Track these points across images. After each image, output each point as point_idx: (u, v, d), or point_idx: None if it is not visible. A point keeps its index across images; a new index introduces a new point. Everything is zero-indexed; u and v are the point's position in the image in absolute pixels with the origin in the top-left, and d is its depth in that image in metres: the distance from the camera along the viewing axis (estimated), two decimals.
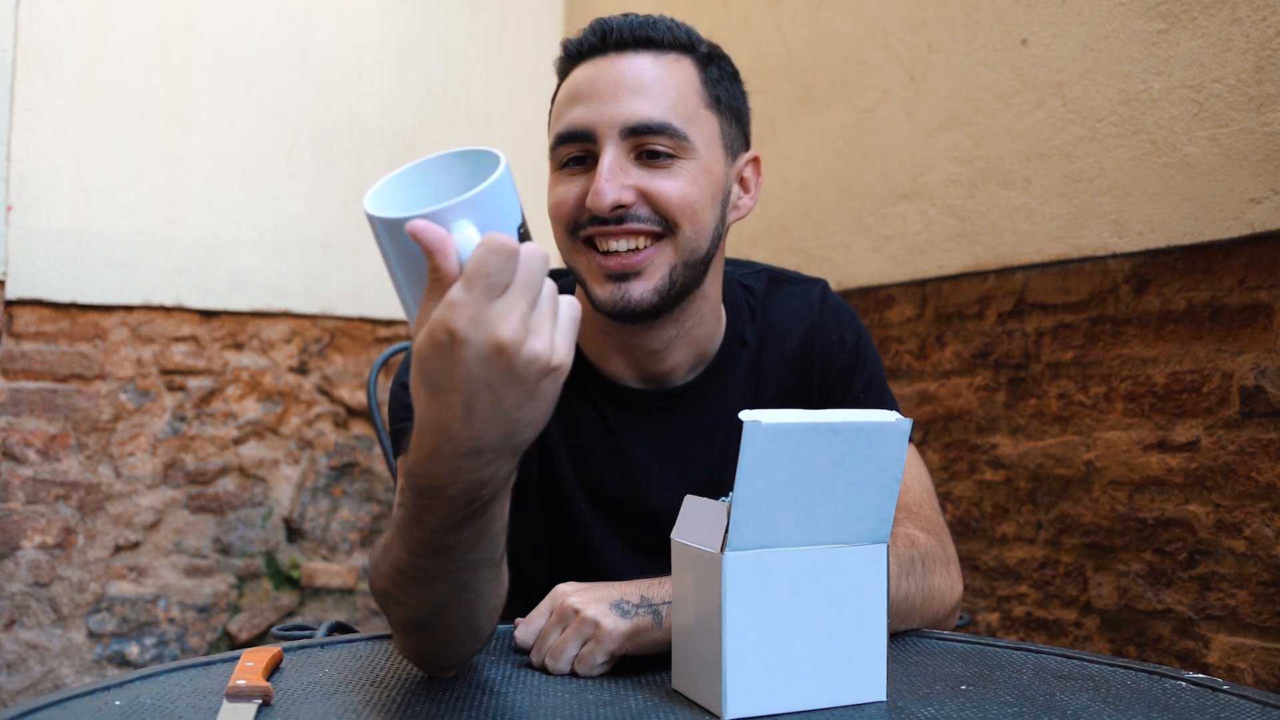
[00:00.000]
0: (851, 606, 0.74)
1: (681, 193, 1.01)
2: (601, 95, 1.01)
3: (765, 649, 0.72)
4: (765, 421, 0.69)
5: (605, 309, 1.03)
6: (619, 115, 1.00)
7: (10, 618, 2.58)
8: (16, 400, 2.61)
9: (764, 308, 1.17)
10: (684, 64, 1.04)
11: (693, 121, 1.02)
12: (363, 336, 3.03)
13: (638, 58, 1.03)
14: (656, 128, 1.00)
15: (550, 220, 1.06)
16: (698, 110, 1.04)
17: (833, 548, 0.74)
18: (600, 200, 0.98)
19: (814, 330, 1.16)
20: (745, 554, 0.71)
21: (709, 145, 1.04)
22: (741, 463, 0.69)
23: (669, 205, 1.01)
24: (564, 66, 1.08)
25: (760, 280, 1.20)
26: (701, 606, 0.73)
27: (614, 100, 1.01)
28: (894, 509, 0.75)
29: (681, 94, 1.02)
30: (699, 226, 1.03)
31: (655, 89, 1.01)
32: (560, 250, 1.07)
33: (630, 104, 1.00)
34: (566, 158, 1.04)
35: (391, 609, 0.79)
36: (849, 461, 0.72)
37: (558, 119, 1.05)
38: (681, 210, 1.01)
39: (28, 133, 2.59)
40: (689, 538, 0.75)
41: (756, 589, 0.71)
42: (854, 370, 1.16)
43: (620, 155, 1.01)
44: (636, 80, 1.01)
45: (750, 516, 0.70)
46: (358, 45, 3.05)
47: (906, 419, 0.73)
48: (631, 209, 1.00)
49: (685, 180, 1.01)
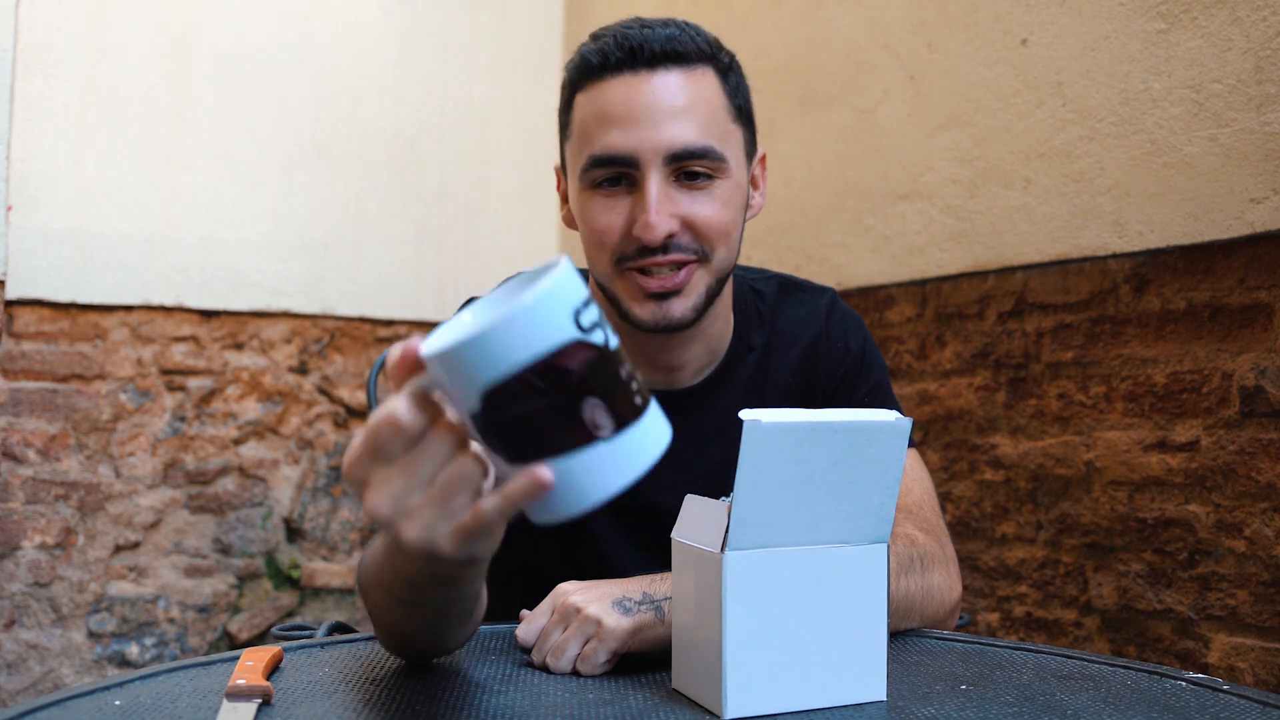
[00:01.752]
0: (852, 606, 0.74)
1: (719, 217, 1.03)
2: (639, 119, 1.00)
3: (765, 649, 0.71)
4: (765, 420, 0.68)
5: (646, 326, 1.04)
6: (663, 142, 1.00)
7: (10, 618, 2.58)
8: (16, 400, 2.61)
9: (773, 314, 1.19)
10: (710, 78, 1.04)
11: (725, 139, 1.04)
12: (363, 336, 3.03)
13: (669, 75, 1.02)
14: (699, 152, 1.01)
15: (586, 242, 1.07)
16: (728, 126, 1.05)
17: (833, 547, 0.74)
18: (654, 234, 1.00)
19: (820, 337, 1.18)
20: (745, 554, 0.71)
21: (738, 160, 1.06)
22: (741, 462, 0.69)
23: (708, 232, 1.02)
24: (582, 78, 1.05)
25: (771, 286, 1.21)
26: (702, 606, 0.73)
27: (653, 125, 1.00)
28: (894, 509, 0.76)
29: (713, 112, 1.03)
30: (731, 245, 1.06)
31: (692, 110, 1.01)
32: (598, 273, 1.07)
33: (672, 129, 1.00)
34: (602, 179, 1.03)
35: (370, 607, 0.83)
36: (849, 461, 0.72)
37: (589, 139, 1.03)
38: (718, 235, 1.03)
39: (28, 133, 2.59)
40: (689, 537, 0.75)
41: (756, 589, 0.71)
42: (858, 376, 1.18)
43: (664, 182, 1.01)
44: (673, 102, 1.01)
45: (750, 516, 0.70)
46: (358, 46, 3.05)
47: (906, 418, 0.73)
48: (676, 237, 1.02)
49: (721, 202, 1.03)
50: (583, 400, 0.55)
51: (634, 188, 1.02)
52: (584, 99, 1.04)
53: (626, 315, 1.05)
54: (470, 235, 3.20)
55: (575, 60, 1.06)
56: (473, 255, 3.19)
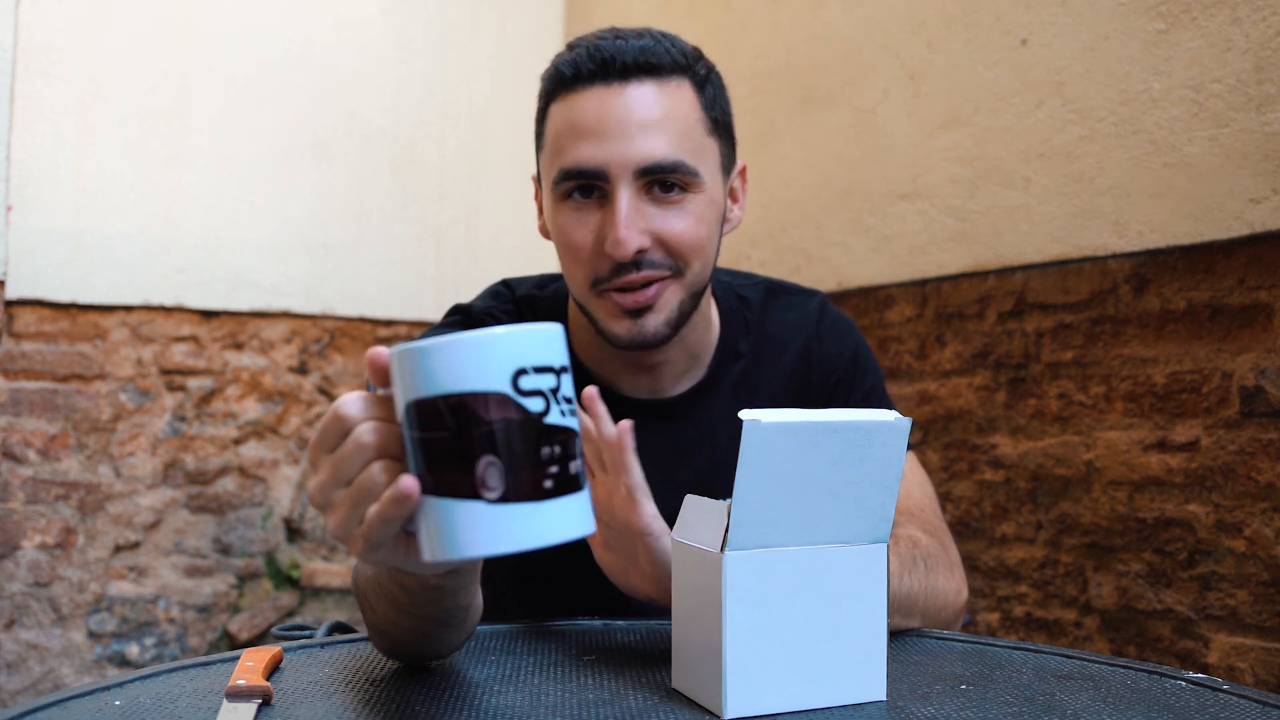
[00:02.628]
0: (852, 606, 0.74)
1: (692, 232, 1.01)
2: (611, 132, 0.99)
3: (765, 648, 0.72)
4: (765, 420, 0.68)
5: (621, 343, 1.04)
6: (633, 156, 0.99)
7: (10, 618, 2.58)
8: (16, 400, 2.61)
9: (760, 320, 1.17)
10: (685, 89, 1.02)
11: (699, 153, 1.02)
12: (363, 336, 3.03)
13: (642, 87, 1.00)
14: (670, 166, 0.99)
15: (560, 255, 1.06)
16: (702, 140, 1.03)
17: (833, 547, 0.74)
18: (623, 250, 0.98)
19: (811, 342, 1.17)
20: (745, 554, 0.71)
21: (712, 174, 1.04)
22: (741, 462, 0.69)
23: (680, 248, 1.01)
24: (556, 89, 1.04)
25: (757, 292, 1.20)
26: (701, 605, 0.73)
27: (625, 138, 0.99)
28: (894, 508, 0.76)
29: (687, 125, 1.01)
30: (705, 260, 1.04)
31: (664, 123, 1.00)
32: (575, 290, 1.07)
33: (643, 143, 0.99)
34: (573, 191, 1.02)
35: (365, 610, 0.84)
36: (848, 460, 0.72)
37: (560, 151, 1.02)
38: (691, 250, 1.02)
39: (28, 133, 2.59)
40: (689, 537, 0.75)
41: (756, 589, 0.71)
42: (853, 380, 1.16)
43: (634, 196, 1.00)
44: (645, 115, 0.99)
45: (750, 516, 0.70)
46: (358, 45, 3.05)
47: (905, 418, 0.73)
48: (647, 253, 1.01)
49: (694, 217, 1.02)
50: (480, 454, 0.54)
51: (605, 201, 1.01)
52: (557, 110, 1.03)
53: (602, 332, 1.05)
54: (470, 235, 3.20)
55: (550, 71, 1.05)
56: (473, 255, 3.19)
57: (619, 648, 0.92)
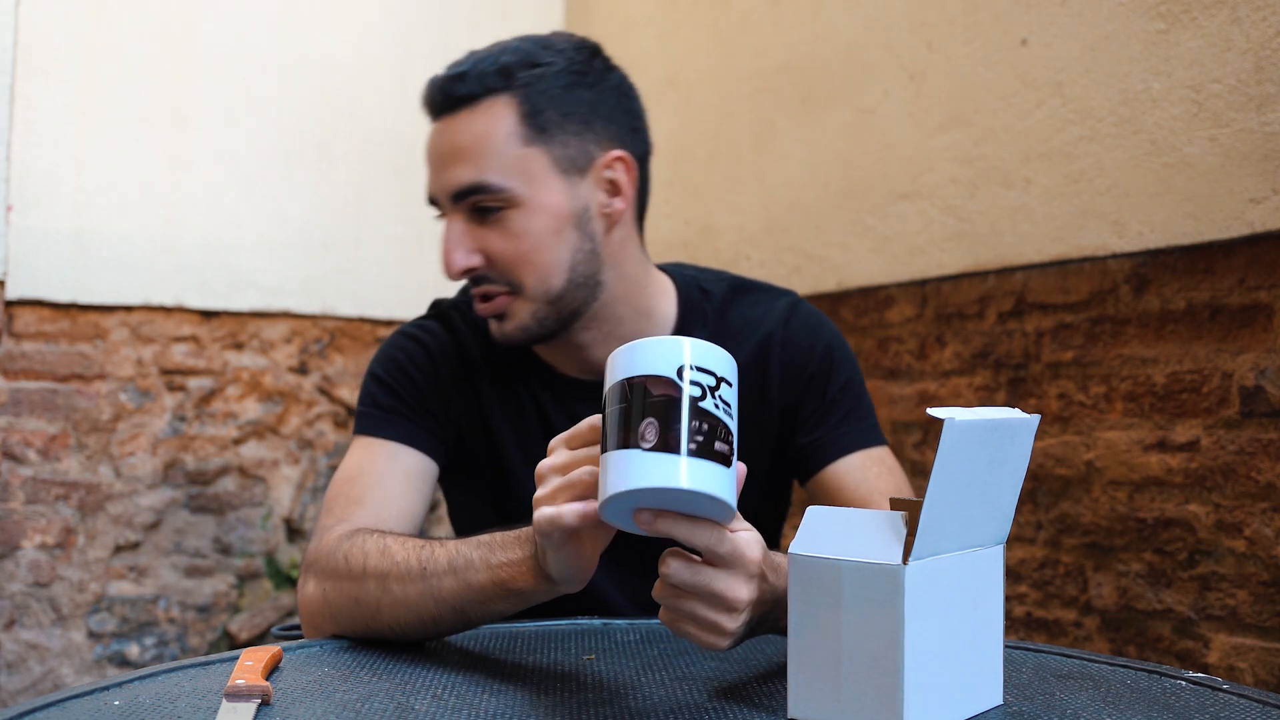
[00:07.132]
0: (979, 610, 0.72)
1: (514, 247, 1.06)
2: (435, 164, 1.09)
3: (932, 662, 0.68)
4: (959, 419, 0.65)
5: (496, 342, 1.12)
6: (448, 185, 1.07)
7: (10, 618, 2.58)
8: (16, 400, 2.62)
9: (720, 313, 1.18)
10: (498, 108, 1.06)
11: (512, 169, 1.06)
12: (363, 336, 3.04)
13: (455, 119, 1.07)
14: (472, 189, 1.05)
15: None
16: (517, 152, 1.06)
17: (977, 551, 0.72)
18: (449, 271, 1.08)
19: (772, 338, 1.17)
20: (924, 563, 0.66)
21: (537, 183, 1.06)
22: (938, 464, 0.65)
23: (507, 265, 1.07)
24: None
25: (722, 287, 1.21)
26: (859, 624, 0.67)
27: (442, 169, 1.08)
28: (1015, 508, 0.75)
29: (494, 144, 1.06)
30: (542, 271, 1.07)
31: (469, 149, 1.06)
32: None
33: (452, 172, 1.06)
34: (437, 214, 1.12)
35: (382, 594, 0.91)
36: (998, 459, 0.70)
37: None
38: (519, 265, 1.07)
39: (28, 133, 2.59)
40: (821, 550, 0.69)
41: (928, 600, 0.67)
42: (828, 374, 1.16)
43: (460, 220, 1.08)
44: (454, 145, 1.07)
45: (936, 522, 0.67)
46: (358, 46, 3.05)
47: (1035, 414, 0.72)
48: (480, 270, 1.08)
49: (512, 233, 1.06)
50: (645, 417, 0.67)
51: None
52: None
53: None
54: None
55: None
56: None
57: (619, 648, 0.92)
